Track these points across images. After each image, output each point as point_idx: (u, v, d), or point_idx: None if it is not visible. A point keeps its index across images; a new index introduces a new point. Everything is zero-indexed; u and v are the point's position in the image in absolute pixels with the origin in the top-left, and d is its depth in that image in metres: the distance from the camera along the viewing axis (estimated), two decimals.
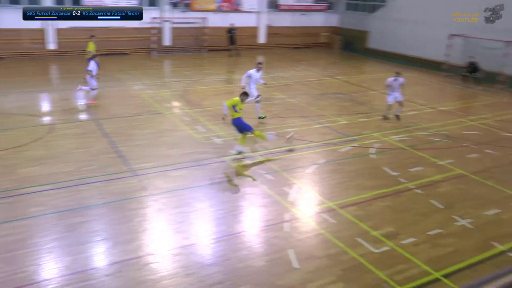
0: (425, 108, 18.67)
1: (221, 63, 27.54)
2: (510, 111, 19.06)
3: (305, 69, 27.01)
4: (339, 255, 8.14)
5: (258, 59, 17.67)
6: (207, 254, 8.06)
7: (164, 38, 30.81)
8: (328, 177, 11.58)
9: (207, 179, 11.09)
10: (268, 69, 26.69)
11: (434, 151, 13.62)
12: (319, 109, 17.60)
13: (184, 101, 18.25)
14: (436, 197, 10.56)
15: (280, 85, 22.04)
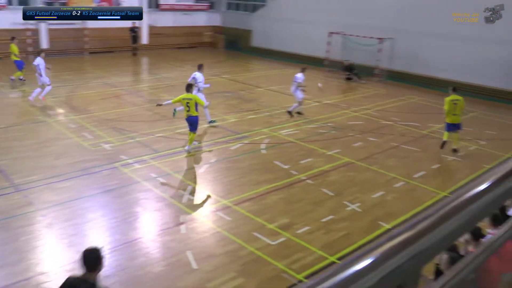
0: (311, 102, 19.42)
1: (104, 66, 26.53)
2: (387, 101, 20.52)
3: (190, 69, 26.75)
4: (237, 251, 8.24)
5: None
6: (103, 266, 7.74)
7: (41, 40, 29.01)
8: (221, 176, 11.66)
9: (98, 187, 10.66)
10: (153, 70, 26.30)
11: (322, 143, 14.26)
12: (208, 109, 17.59)
13: (68, 107, 17.36)
14: (326, 186, 11.08)
15: (166, 86, 21.77)
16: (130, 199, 10.17)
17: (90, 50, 30.58)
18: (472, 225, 1.12)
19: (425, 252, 0.97)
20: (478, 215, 1.13)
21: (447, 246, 1.07)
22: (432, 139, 15.13)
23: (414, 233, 0.98)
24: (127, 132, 14.52)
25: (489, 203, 1.16)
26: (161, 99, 18.80)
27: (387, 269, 0.89)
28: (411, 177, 11.91)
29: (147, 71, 26.76)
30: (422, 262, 0.97)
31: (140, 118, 16.15)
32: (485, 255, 1.39)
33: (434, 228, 1.00)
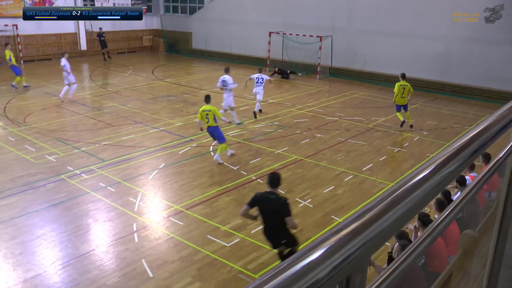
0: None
1: (41, 74, 25.63)
2: (331, 98, 21.00)
3: (132, 74, 26.51)
4: (192, 256, 8.22)
5: None
6: (56, 283, 7.53)
7: None
8: (171, 181, 11.57)
9: (44, 201, 10.31)
10: (94, 76, 25.70)
11: (269, 142, 14.40)
12: (152, 114, 17.45)
13: (5, 119, 16.68)
14: None
15: (109, 92, 21.35)
16: (80, 211, 9.92)
17: (25, 59, 29.45)
18: (416, 211, 1.18)
19: (373, 241, 1.01)
20: (421, 202, 1.18)
21: (393, 233, 1.12)
22: (377, 132, 15.60)
23: (360, 223, 1.02)
24: (72, 142, 14.14)
25: (431, 189, 1.22)
26: (103, 106, 18.50)
27: (336, 260, 0.93)
28: (359, 170, 12.23)
29: (87, 78, 26.05)
30: (370, 251, 1.02)
31: (84, 127, 15.75)
32: (431, 238, 1.46)
33: (380, 217, 1.05)
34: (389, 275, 1.20)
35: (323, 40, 25.33)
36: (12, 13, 28.66)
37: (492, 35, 20.35)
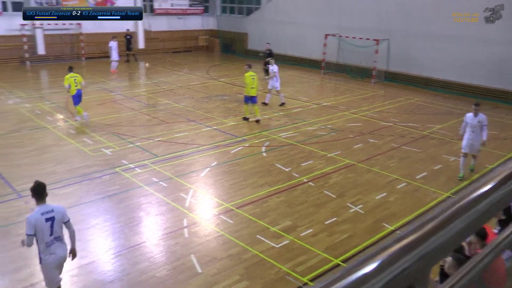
0: (309, 104, 19.47)
1: (101, 71, 26.49)
2: (386, 102, 20.56)
3: (187, 73, 26.92)
4: (241, 254, 8.22)
5: None
6: (108, 271, 7.73)
7: (38, 46, 28.97)
8: (222, 179, 11.64)
9: (99, 193, 10.62)
10: (151, 74, 26.26)
11: (322, 145, 14.26)
12: (205, 112, 17.64)
13: (66, 113, 17.32)
14: (328, 188, 11.07)
15: (164, 90, 21.76)
16: (132, 203, 10.14)
17: (87, 56, 30.54)
18: (478, 225, 1.12)
19: (433, 253, 0.96)
20: (484, 216, 1.13)
21: (454, 246, 1.07)
22: (432, 139, 15.16)
23: (421, 234, 0.97)
24: (127, 137, 14.50)
25: (495, 203, 1.16)
26: (158, 103, 18.90)
27: (394, 271, 0.88)
28: (413, 178, 11.91)
29: (144, 75, 26.72)
30: (430, 264, 0.97)
31: (139, 123, 16.13)
32: (492, 255, 1.38)
33: (441, 229, 1.00)
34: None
35: (379, 44, 24.91)
36: (82, 7, 29.74)
37: None
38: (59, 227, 6.31)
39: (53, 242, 6.27)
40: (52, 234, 6.22)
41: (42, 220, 6.09)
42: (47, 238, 6.19)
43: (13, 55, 27.97)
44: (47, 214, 6.14)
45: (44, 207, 6.18)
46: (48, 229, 6.16)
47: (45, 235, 6.15)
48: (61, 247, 6.41)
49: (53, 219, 6.19)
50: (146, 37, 33.66)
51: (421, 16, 23.67)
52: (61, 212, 6.33)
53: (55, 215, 6.22)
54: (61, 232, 6.41)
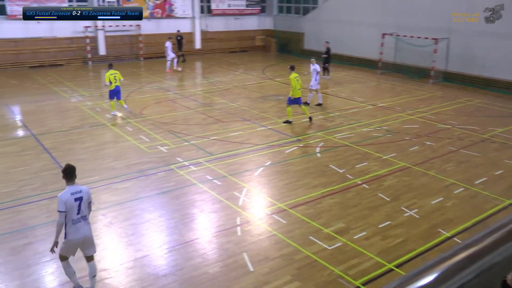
0: (365, 105, 19.18)
1: (158, 71, 27.15)
2: (444, 104, 19.92)
3: (243, 72, 27.12)
4: (293, 255, 8.19)
5: None
6: (161, 265, 7.89)
7: (99, 47, 30.07)
8: (276, 179, 11.64)
9: (155, 188, 10.88)
10: (207, 74, 26.64)
11: (377, 146, 14.00)
12: (261, 112, 17.70)
13: (125, 111, 17.83)
14: (382, 191, 10.85)
15: (220, 89, 22.02)
16: (187, 200, 10.32)
17: (145, 56, 31.35)
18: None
19: (502, 264, 0.89)
20: None
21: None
22: (493, 143, 14.57)
23: (488, 243, 0.90)
24: (182, 135, 14.77)
25: None
26: (214, 102, 19.14)
27: (457, 283, 0.83)
28: (471, 183, 11.47)
29: (200, 75, 27.16)
30: (497, 276, 0.90)
31: (194, 122, 16.39)
32: None
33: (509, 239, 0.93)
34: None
35: (438, 43, 24.18)
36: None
37: None
38: (85, 206, 6.83)
39: (79, 221, 6.78)
40: (79, 213, 6.75)
41: (72, 200, 6.65)
42: (74, 216, 6.71)
43: (77, 55, 29.10)
44: (76, 194, 6.70)
45: (74, 188, 6.75)
46: (76, 208, 6.70)
47: (73, 213, 6.69)
48: (85, 226, 6.88)
49: (81, 199, 6.74)
50: (202, 37, 34.21)
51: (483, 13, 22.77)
52: (87, 193, 6.87)
53: (83, 195, 6.77)
54: (87, 212, 6.91)
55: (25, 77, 24.96)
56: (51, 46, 28.61)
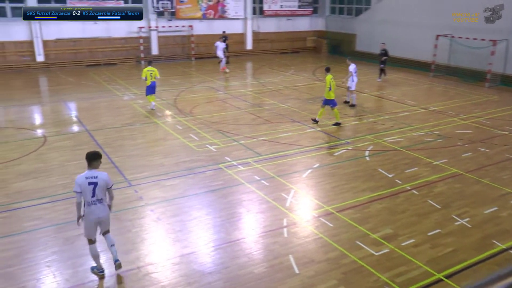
0: (416, 108, 18.77)
1: (209, 71, 27.51)
2: (501, 109, 19.21)
3: (294, 74, 27.07)
4: (339, 259, 8.10)
5: None
6: (207, 262, 7.99)
7: (152, 47, 30.78)
8: (324, 181, 11.55)
9: (203, 187, 11.03)
10: (257, 74, 26.75)
11: (428, 151, 13.67)
12: (310, 114, 17.61)
13: (175, 109, 18.18)
14: (432, 197, 10.58)
15: (270, 90, 22.07)
16: (234, 199, 10.40)
17: (196, 56, 31.81)
18: None
19: None
20: None
21: None
22: None
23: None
24: (231, 134, 14.89)
25: None
26: (264, 103, 19.20)
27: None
28: None
29: (251, 76, 27.32)
30: None
31: (244, 122, 16.50)
32: None
33: None
34: None
35: (497, 44, 23.34)
36: (190, 15, 31.30)
37: None
38: (101, 191, 7.23)
39: (95, 203, 7.22)
40: (94, 196, 7.18)
41: (86, 183, 7.12)
42: (89, 198, 7.17)
43: (130, 55, 29.88)
44: (91, 179, 7.15)
45: (90, 173, 7.20)
46: (91, 191, 7.14)
47: (88, 195, 7.15)
48: (100, 208, 7.29)
49: (96, 184, 7.15)
50: (254, 38, 34.41)
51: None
52: (103, 180, 7.22)
53: (98, 181, 7.17)
54: (103, 196, 7.30)
55: (82, 75, 25.87)
56: (106, 46, 29.55)
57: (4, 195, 10.50)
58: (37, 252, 8.25)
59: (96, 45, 29.29)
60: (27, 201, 10.21)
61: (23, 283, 7.35)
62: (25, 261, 7.95)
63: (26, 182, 11.20)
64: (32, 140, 14.49)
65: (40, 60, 27.66)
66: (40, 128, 16.13)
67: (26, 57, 27.51)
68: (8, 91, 21.90)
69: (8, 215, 9.60)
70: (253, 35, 34.35)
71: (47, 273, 7.66)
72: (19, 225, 9.17)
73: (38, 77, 25.77)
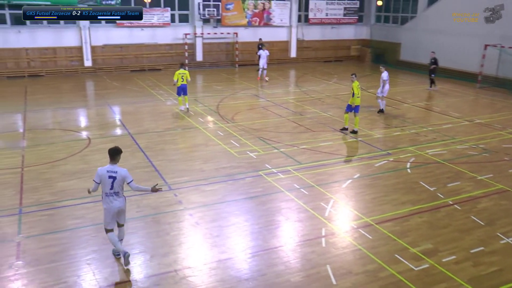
0: (460, 120, 18.34)
1: (252, 78, 27.67)
2: None
3: (336, 82, 26.92)
4: (377, 272, 7.99)
5: None
6: (244, 269, 8.02)
7: (196, 53, 31.23)
8: (364, 192, 11.43)
9: (242, 193, 11.10)
10: (300, 82, 26.73)
11: (472, 165, 13.32)
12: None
13: (217, 116, 18.37)
14: (476, 213, 10.29)
15: (312, 99, 22.01)
16: (273, 207, 10.41)
17: (240, 63, 32.06)
18: None
19: None
20: None
21: None
22: None
23: None
24: (272, 142, 14.93)
25: None
26: (305, 111, 19.17)
27: None
28: None
29: (293, 83, 27.33)
30: None
31: (285, 130, 16.51)
32: None
33: None
34: None
35: None
36: (235, 22, 31.64)
37: None
38: (119, 185, 7.78)
39: (112, 195, 7.79)
40: (112, 188, 7.75)
41: (106, 175, 7.71)
42: (107, 190, 7.76)
43: (174, 61, 30.35)
44: (111, 172, 7.71)
45: (111, 167, 7.78)
46: (109, 184, 7.71)
47: (106, 187, 7.75)
48: (117, 200, 7.86)
49: (115, 178, 7.71)
50: (298, 46, 34.44)
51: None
52: (122, 175, 7.74)
53: (117, 176, 7.72)
54: (120, 189, 7.84)
55: (127, 80, 26.50)
56: (152, 52, 30.21)
57: (50, 193, 10.87)
58: (79, 249, 8.51)
59: (142, 51, 29.96)
60: (70, 200, 10.55)
61: (65, 279, 7.59)
62: (67, 258, 8.21)
63: (70, 182, 11.55)
64: (77, 141, 14.93)
65: (88, 65, 28.53)
66: (85, 130, 16.62)
67: (75, 62, 28.45)
68: (57, 94, 22.67)
69: (53, 213, 9.94)
70: (297, 43, 34.38)
71: (87, 270, 7.88)
72: (63, 223, 9.50)
73: (85, 81, 26.56)
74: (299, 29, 34.29)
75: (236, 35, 31.84)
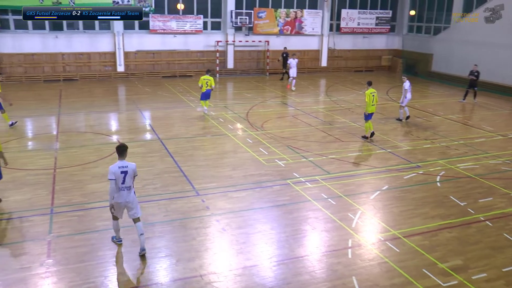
0: (494, 135, 17.96)
1: (282, 86, 27.72)
2: None
3: None
4: (404, 286, 7.87)
5: None
6: (269, 277, 8.00)
7: (227, 61, 31.47)
8: (392, 204, 11.29)
9: (269, 201, 11.10)
10: (330, 92, 26.64)
11: (505, 181, 13.02)
12: (381, 134, 17.30)
13: (246, 123, 18.44)
14: (509, 231, 10.02)
15: (342, 108, 21.90)
16: (300, 216, 10.37)
17: (270, 71, 32.15)
18: None
19: None
20: None
21: None
22: None
23: None
24: (301, 151, 14.90)
25: None
26: (335, 121, 19.09)
27: None
28: None
29: (323, 93, 27.26)
30: None
31: (314, 139, 16.46)
32: None
33: None
34: None
35: None
36: (267, 30, 31.79)
37: None
38: (130, 179, 8.35)
39: (123, 189, 8.30)
40: (124, 183, 8.28)
41: (119, 172, 8.22)
42: (120, 184, 8.26)
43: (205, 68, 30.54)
44: (122, 168, 8.27)
45: (122, 163, 8.33)
46: (122, 178, 8.24)
47: (119, 182, 8.25)
48: (128, 194, 8.38)
49: (126, 172, 8.27)
50: (329, 55, 34.35)
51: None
52: (132, 169, 8.38)
53: (128, 170, 8.30)
54: (131, 183, 8.41)
55: (158, 86, 26.90)
56: (183, 58, 30.59)
57: (81, 195, 11.09)
58: (106, 251, 8.65)
59: (173, 57, 30.38)
60: (100, 201, 10.72)
61: (93, 279, 7.73)
62: (95, 258, 8.35)
63: (100, 184, 11.75)
64: (107, 145, 15.19)
65: (120, 70, 29.09)
66: (115, 134, 16.91)
67: (108, 67, 29.04)
68: (90, 98, 23.16)
69: (83, 214, 10.14)
70: (328, 52, 34.30)
71: (114, 272, 8.01)
72: (92, 224, 9.68)
73: (118, 86, 27.07)
74: (330, 38, 34.21)
75: (267, 43, 31.98)
